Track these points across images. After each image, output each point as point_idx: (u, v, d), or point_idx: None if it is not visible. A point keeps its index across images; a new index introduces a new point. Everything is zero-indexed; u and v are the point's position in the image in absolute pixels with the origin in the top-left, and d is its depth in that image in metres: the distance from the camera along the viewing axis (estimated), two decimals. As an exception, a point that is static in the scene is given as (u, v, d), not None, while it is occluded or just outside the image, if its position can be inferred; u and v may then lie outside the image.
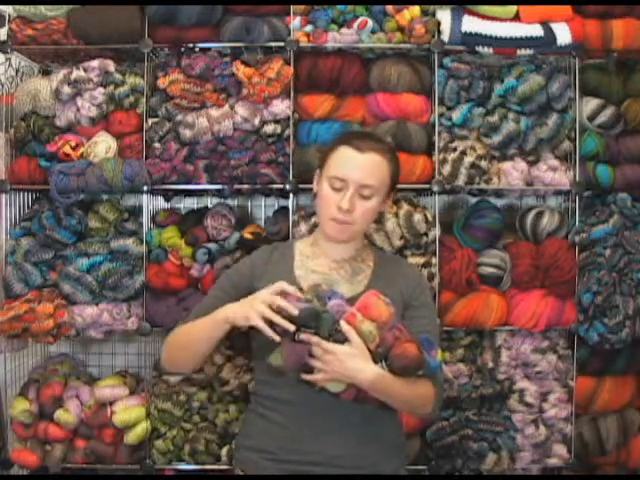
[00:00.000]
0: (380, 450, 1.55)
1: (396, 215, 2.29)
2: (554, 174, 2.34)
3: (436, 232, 2.31)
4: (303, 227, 2.29)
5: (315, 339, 1.37)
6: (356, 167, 1.55)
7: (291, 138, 2.31)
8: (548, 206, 2.46)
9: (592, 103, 2.36)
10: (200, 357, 1.60)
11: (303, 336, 1.37)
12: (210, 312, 1.56)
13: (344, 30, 2.29)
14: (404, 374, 1.40)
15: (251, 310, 1.42)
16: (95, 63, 2.30)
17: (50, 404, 2.36)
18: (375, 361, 1.38)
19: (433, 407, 1.55)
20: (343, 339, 1.38)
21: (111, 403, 2.37)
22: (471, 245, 2.35)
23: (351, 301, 1.45)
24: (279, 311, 1.39)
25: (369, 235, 2.23)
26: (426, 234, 2.30)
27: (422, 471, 2.33)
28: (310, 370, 1.40)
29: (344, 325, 1.37)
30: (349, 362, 1.37)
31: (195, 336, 1.56)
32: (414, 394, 1.46)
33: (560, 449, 2.36)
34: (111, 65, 2.32)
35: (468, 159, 2.29)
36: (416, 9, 2.30)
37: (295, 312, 1.36)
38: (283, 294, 1.42)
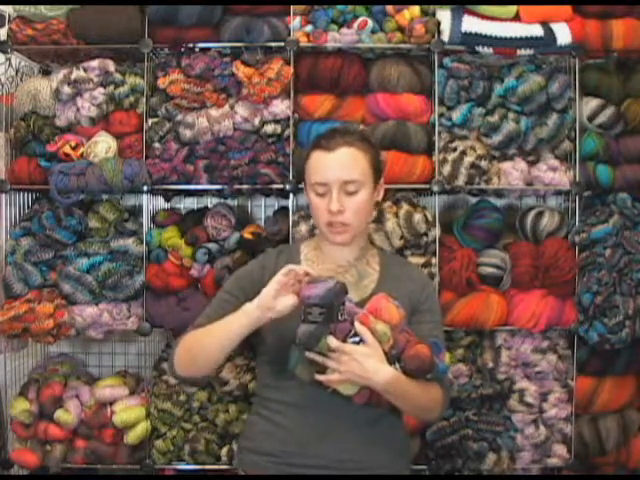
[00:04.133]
0: (385, 453, 1.54)
1: (396, 215, 2.29)
2: (554, 174, 2.34)
3: (436, 232, 2.31)
4: (303, 227, 2.29)
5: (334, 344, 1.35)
6: (330, 167, 1.53)
7: (291, 138, 2.31)
8: (548, 206, 2.46)
9: (592, 103, 2.36)
10: (218, 360, 1.53)
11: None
12: (219, 316, 1.53)
13: (344, 30, 2.29)
14: (417, 376, 1.39)
15: (267, 294, 1.40)
16: (95, 63, 2.30)
17: (50, 404, 2.36)
18: (389, 362, 1.37)
19: (440, 411, 1.54)
20: (357, 340, 1.37)
21: (111, 403, 2.37)
22: (471, 245, 2.35)
23: (359, 306, 1.44)
24: (302, 301, 1.36)
25: (368, 235, 2.23)
26: (426, 234, 2.30)
27: (422, 471, 2.33)
28: (323, 371, 1.38)
29: (358, 326, 1.35)
30: (365, 362, 1.34)
31: (214, 339, 1.49)
32: (425, 397, 1.45)
33: (560, 449, 2.36)
34: (111, 65, 2.32)
35: (468, 159, 2.29)
36: (416, 9, 2.30)
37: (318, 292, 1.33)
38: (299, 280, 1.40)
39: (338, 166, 1.53)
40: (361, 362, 1.34)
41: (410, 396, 1.41)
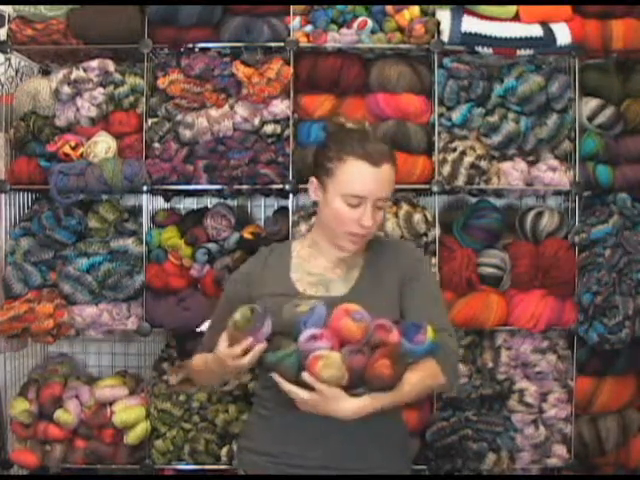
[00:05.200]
0: (385, 452, 1.54)
1: (396, 215, 2.29)
2: (554, 174, 2.34)
3: (436, 232, 2.31)
4: (303, 227, 2.29)
5: (286, 387, 1.34)
6: (373, 182, 1.47)
7: (291, 138, 2.31)
8: (548, 206, 2.46)
9: (592, 103, 2.36)
10: (222, 382, 1.68)
11: (276, 379, 1.35)
12: (221, 324, 1.52)
13: (344, 30, 2.29)
14: (385, 391, 1.35)
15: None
16: (95, 63, 2.30)
17: (50, 404, 2.36)
18: (352, 389, 1.33)
19: (448, 378, 1.46)
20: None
21: (111, 403, 2.37)
22: (471, 245, 2.35)
23: (343, 299, 1.43)
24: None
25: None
26: (426, 234, 2.30)
27: (422, 471, 2.33)
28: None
29: (306, 377, 1.32)
30: (322, 407, 1.34)
31: (214, 371, 1.54)
32: (413, 388, 1.39)
33: (560, 449, 2.36)
34: (111, 65, 2.32)
35: (468, 159, 2.29)
36: (416, 9, 2.30)
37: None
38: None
39: (381, 183, 1.48)
40: (317, 407, 1.34)
41: (391, 402, 1.37)
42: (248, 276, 1.62)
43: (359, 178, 1.47)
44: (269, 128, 2.31)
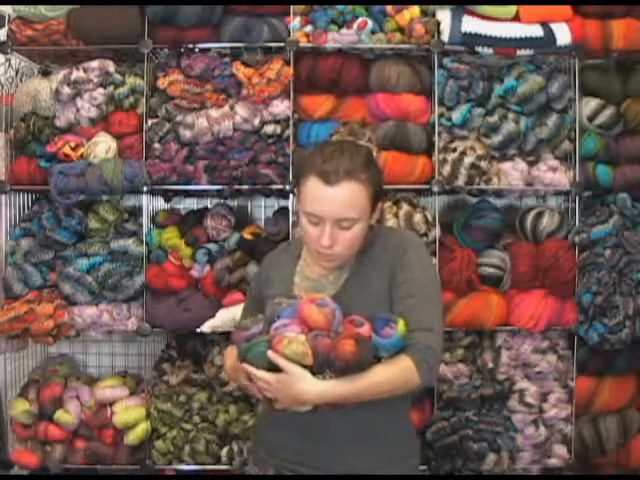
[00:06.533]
0: (388, 452, 1.52)
1: (396, 215, 2.29)
2: (554, 174, 2.34)
3: (436, 232, 2.31)
4: (303, 228, 2.29)
5: (252, 371, 1.38)
6: (328, 203, 1.41)
7: (291, 138, 2.31)
8: (548, 206, 2.46)
9: (592, 103, 2.36)
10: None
11: (245, 368, 1.40)
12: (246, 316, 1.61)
13: (344, 30, 2.29)
14: (350, 373, 1.36)
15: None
16: (95, 64, 2.30)
17: (50, 405, 2.36)
18: (318, 372, 1.35)
19: (422, 376, 1.40)
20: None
21: (111, 404, 2.37)
22: (471, 245, 2.35)
23: (333, 299, 1.43)
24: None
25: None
26: (426, 234, 2.30)
27: (422, 471, 2.33)
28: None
29: (270, 354, 1.35)
30: (288, 388, 1.35)
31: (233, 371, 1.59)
32: (382, 380, 1.38)
33: (560, 449, 2.36)
34: (111, 66, 2.32)
35: (468, 159, 2.29)
36: (416, 9, 2.30)
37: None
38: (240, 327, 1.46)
39: (336, 204, 1.42)
40: (283, 389, 1.36)
41: (360, 393, 1.37)
42: (259, 275, 1.69)
43: (313, 197, 1.43)
44: (269, 128, 2.31)
